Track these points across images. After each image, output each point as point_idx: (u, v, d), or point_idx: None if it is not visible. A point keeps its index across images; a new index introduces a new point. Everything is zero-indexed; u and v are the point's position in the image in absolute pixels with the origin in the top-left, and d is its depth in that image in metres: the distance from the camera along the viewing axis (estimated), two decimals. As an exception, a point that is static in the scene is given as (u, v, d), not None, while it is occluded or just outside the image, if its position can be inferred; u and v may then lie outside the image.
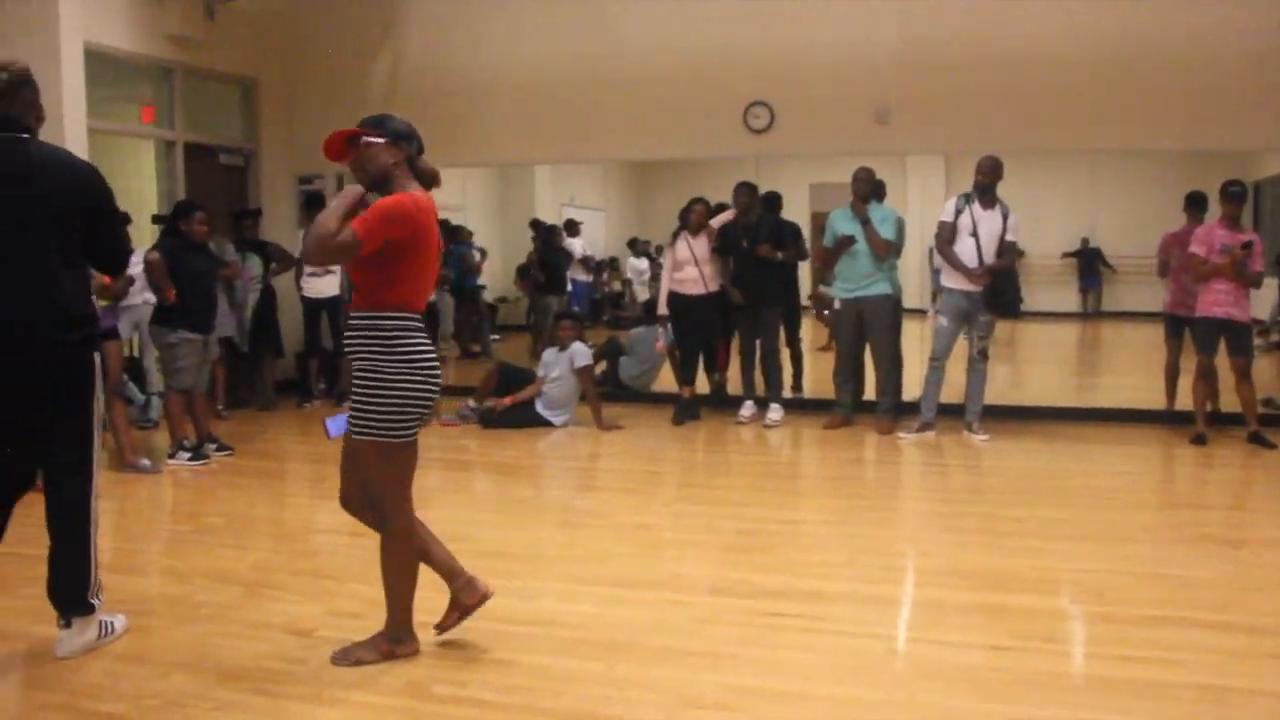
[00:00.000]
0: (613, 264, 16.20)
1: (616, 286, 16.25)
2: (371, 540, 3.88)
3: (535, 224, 12.93)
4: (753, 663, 3.76)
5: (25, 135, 3.76)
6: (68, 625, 3.88)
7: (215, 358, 8.05)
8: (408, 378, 3.56)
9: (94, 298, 4.19)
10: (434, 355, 3.66)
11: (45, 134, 3.98)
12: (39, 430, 3.84)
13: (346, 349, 3.68)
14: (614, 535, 5.51)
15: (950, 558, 5.04)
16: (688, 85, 9.23)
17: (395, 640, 3.80)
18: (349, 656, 3.77)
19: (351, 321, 3.62)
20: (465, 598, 3.94)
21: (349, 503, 3.88)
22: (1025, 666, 3.67)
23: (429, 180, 3.71)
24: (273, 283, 9.49)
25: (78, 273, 3.86)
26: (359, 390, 3.60)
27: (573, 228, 13.95)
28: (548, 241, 12.47)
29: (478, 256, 13.21)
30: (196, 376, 7.34)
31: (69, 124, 7.76)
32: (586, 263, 14.42)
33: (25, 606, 4.39)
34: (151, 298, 7.32)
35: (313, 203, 9.70)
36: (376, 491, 3.73)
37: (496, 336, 14.16)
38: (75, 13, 8.09)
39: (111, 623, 4.04)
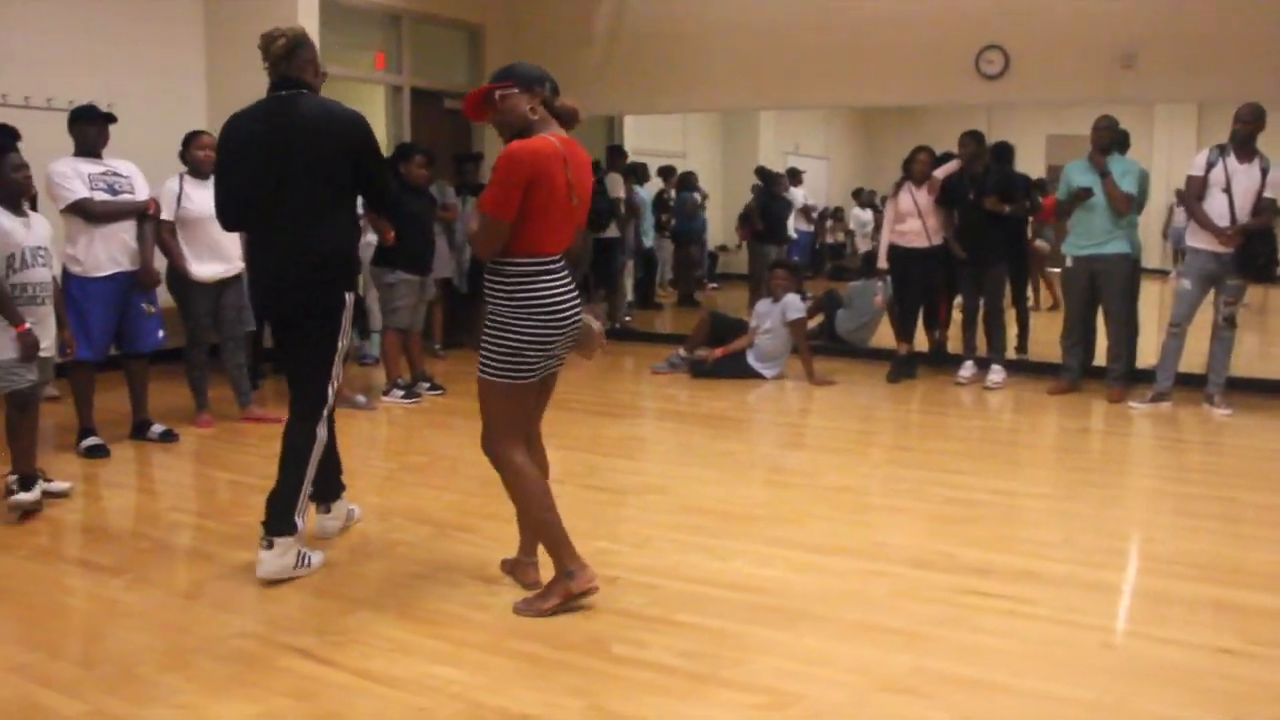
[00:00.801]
0: (836, 214, 15.79)
1: (840, 237, 15.84)
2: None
3: (759, 171, 12.68)
4: (951, 646, 3.52)
5: (303, 90, 4.08)
6: (270, 546, 4.01)
7: (432, 298, 8.23)
8: (525, 323, 3.57)
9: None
10: (560, 301, 3.62)
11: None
12: (289, 352, 4.24)
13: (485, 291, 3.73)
14: (816, 497, 5.32)
15: (1180, 544, 4.62)
16: (916, 28, 8.80)
17: (568, 576, 3.73)
18: (531, 608, 3.74)
19: (487, 266, 3.66)
20: (521, 575, 3.99)
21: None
22: (1258, 676, 3.30)
23: (569, 119, 3.69)
24: (492, 226, 9.58)
25: (345, 214, 4.19)
26: (486, 331, 3.66)
27: (795, 176, 13.65)
28: (769, 189, 12.20)
29: (697, 199, 13.11)
30: (413, 316, 7.50)
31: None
32: (808, 212, 14.10)
33: (235, 533, 4.59)
34: (373, 239, 7.49)
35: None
36: (486, 425, 3.76)
37: (715, 285, 14.07)
38: (312, -36, 8.33)
39: (309, 555, 4.15)
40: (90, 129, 5.97)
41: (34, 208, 5.22)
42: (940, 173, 8.21)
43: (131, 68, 8.21)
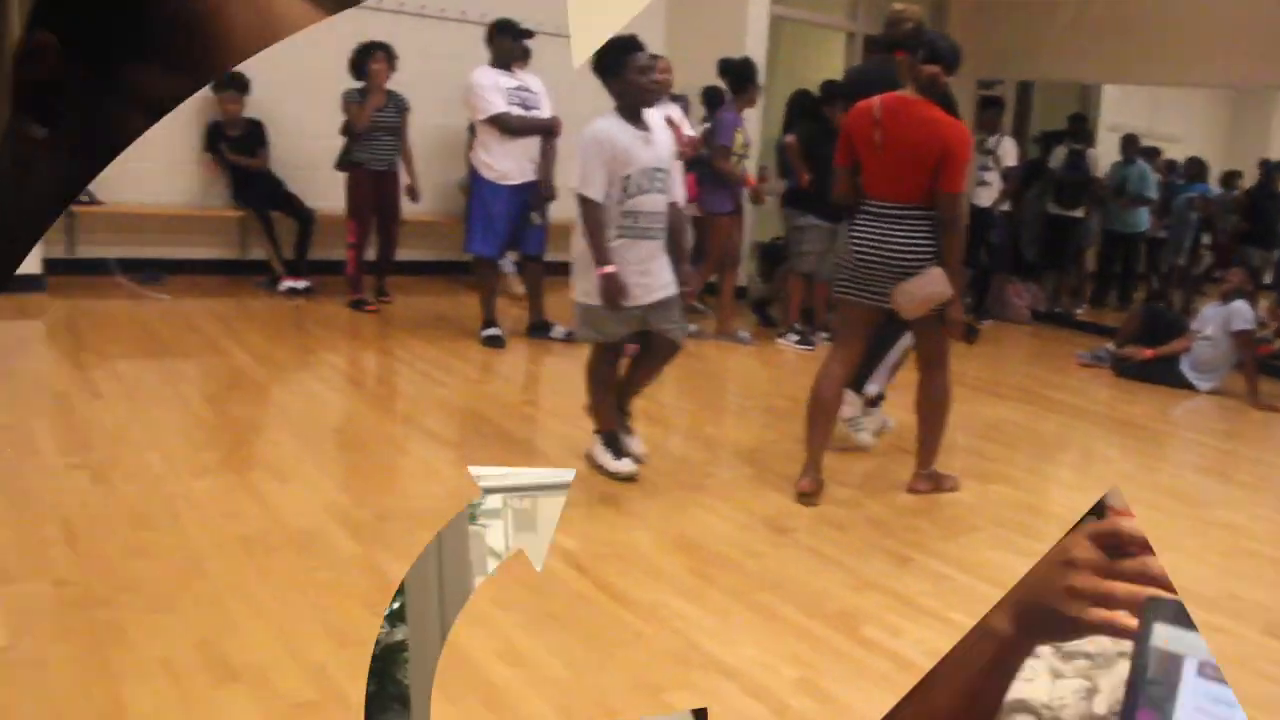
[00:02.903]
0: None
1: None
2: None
3: (1263, 164, 11.12)
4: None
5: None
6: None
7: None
8: None
9: None
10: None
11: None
12: None
13: None
14: (1186, 529, 4.62)
15: None
16: None
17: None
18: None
19: None
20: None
21: None
22: None
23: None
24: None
25: None
26: None
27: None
28: (1268, 184, 10.70)
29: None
30: (820, 264, 7.32)
31: (752, 11, 7.95)
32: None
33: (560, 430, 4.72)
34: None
35: (990, 105, 9.23)
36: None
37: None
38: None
39: None
40: (508, 43, 6.28)
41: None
42: None
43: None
